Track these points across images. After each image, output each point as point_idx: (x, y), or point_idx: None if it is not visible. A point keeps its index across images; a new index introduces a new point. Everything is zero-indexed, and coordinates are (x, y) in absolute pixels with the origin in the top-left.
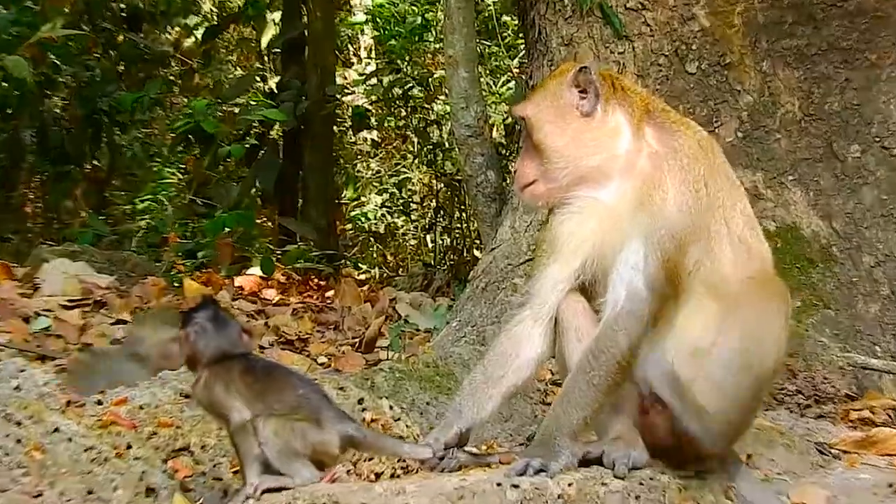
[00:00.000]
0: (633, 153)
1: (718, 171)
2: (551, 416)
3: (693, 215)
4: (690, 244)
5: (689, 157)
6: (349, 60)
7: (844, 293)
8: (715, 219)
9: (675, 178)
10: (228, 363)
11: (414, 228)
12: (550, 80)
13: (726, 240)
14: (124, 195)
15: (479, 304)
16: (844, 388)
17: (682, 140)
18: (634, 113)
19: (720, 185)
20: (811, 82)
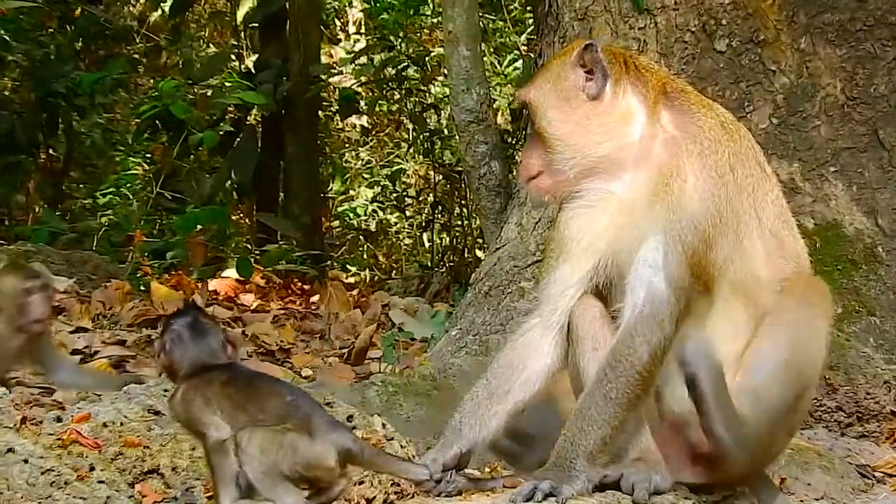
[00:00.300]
0: (647, 139)
1: (746, 157)
2: (566, 435)
3: (718, 204)
4: (717, 237)
5: (711, 139)
6: (336, 37)
7: (891, 298)
8: (744, 208)
9: (694, 165)
10: (208, 375)
11: (409, 226)
12: (554, 61)
13: (756, 233)
14: (83, 188)
15: (482, 311)
16: (890, 404)
17: (702, 122)
18: (649, 95)
19: (749, 170)
20: (855, 62)
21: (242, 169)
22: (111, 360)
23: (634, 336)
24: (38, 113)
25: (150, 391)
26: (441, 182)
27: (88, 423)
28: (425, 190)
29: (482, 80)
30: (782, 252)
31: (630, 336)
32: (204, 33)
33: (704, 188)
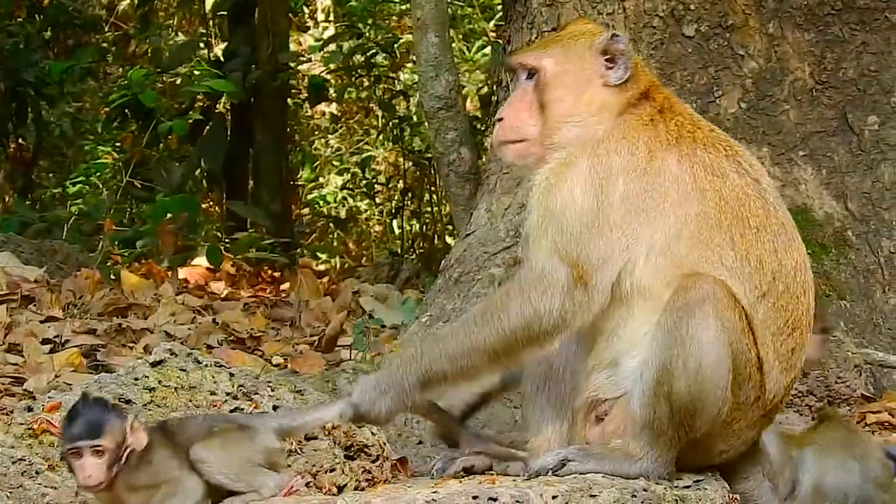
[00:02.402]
0: (598, 132)
1: (655, 178)
2: (413, 350)
3: (585, 209)
4: (589, 238)
5: (614, 151)
6: (304, 24)
7: (861, 282)
8: (626, 222)
9: (583, 166)
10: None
11: (379, 213)
12: (573, 40)
13: (644, 248)
14: (53, 177)
15: (453, 297)
16: (861, 388)
17: (631, 134)
18: (633, 95)
19: (647, 190)
20: (824, 46)
21: (212, 157)
22: (82, 349)
23: (509, 296)
24: (7, 102)
25: (121, 380)
26: (411, 169)
27: (59, 412)
28: (395, 177)
29: (451, 66)
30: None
31: (506, 293)
32: (172, 22)
33: (578, 190)
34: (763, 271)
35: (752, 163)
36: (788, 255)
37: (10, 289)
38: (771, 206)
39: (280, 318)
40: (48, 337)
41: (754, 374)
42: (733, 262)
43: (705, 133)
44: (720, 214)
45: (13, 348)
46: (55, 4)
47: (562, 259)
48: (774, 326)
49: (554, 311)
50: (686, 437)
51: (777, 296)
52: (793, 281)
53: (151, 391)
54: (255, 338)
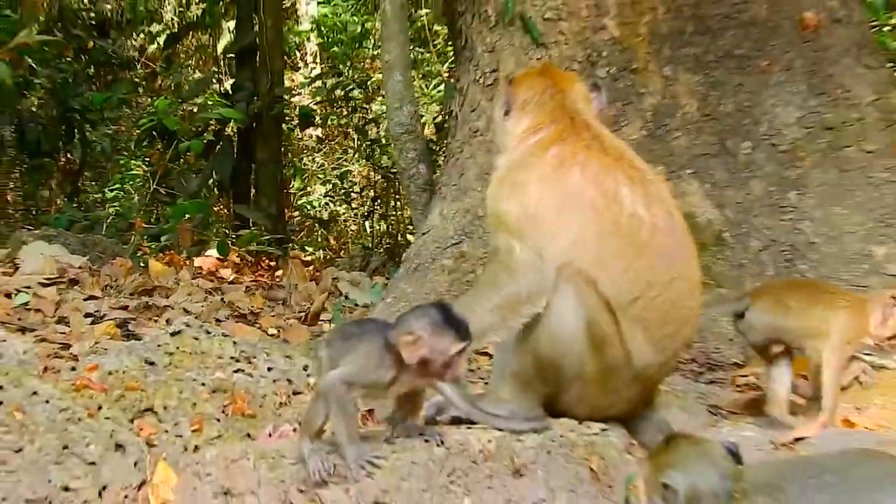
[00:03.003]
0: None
1: (548, 188)
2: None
3: (508, 208)
4: (522, 230)
5: (519, 167)
6: (296, 65)
7: (734, 274)
8: (532, 222)
9: (500, 175)
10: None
11: (354, 216)
12: (516, 79)
13: (544, 244)
14: (95, 185)
15: (411, 283)
16: (733, 356)
17: (530, 155)
18: (532, 125)
19: (541, 200)
20: (708, 86)
21: (222, 170)
22: (116, 321)
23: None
24: (58, 125)
25: (147, 346)
26: (380, 181)
27: (97, 371)
28: (367, 187)
29: (412, 99)
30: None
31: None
32: (191, 62)
33: (499, 195)
34: (637, 281)
35: (657, 190)
36: (667, 273)
37: (60, 273)
38: (661, 230)
39: (274, 298)
40: (90, 311)
41: (616, 346)
42: (616, 271)
43: (614, 153)
44: (611, 230)
45: (62, 321)
46: (97, 47)
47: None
48: (647, 321)
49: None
50: (554, 388)
51: (650, 299)
52: (666, 292)
53: (171, 355)
54: (254, 313)
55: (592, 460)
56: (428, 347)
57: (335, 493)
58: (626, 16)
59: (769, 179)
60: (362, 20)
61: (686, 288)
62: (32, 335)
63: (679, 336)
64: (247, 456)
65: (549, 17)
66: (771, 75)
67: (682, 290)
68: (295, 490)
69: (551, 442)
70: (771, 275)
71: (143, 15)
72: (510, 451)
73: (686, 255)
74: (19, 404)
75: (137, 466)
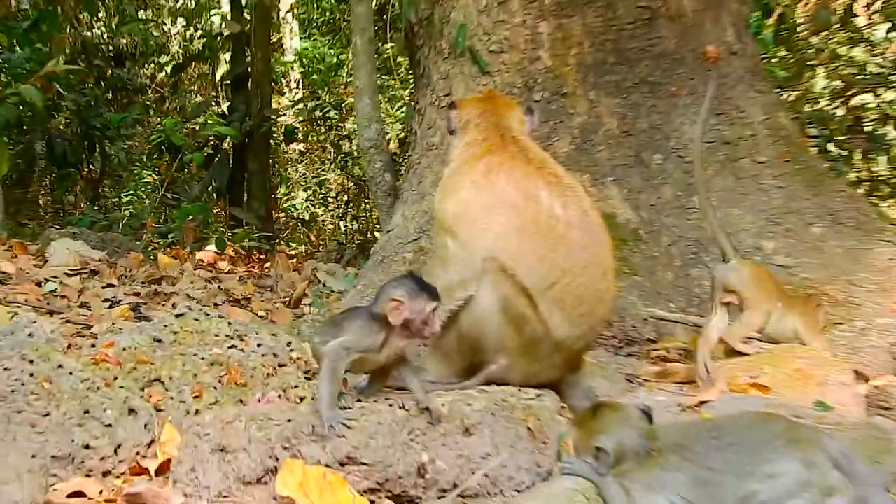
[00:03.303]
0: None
1: (476, 194)
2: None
3: (445, 209)
4: (455, 227)
5: (456, 175)
6: (282, 90)
7: (648, 265)
8: (466, 220)
9: (444, 182)
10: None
11: (331, 216)
12: (468, 102)
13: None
14: (112, 191)
15: (378, 273)
16: (647, 334)
17: (462, 167)
18: (470, 142)
19: (471, 203)
20: (626, 108)
21: (219, 178)
22: (130, 305)
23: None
24: (81, 141)
25: (155, 326)
26: (352, 188)
27: (113, 348)
28: (342, 193)
29: (379, 119)
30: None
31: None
32: (194, 87)
33: (439, 198)
34: (553, 269)
35: (574, 193)
36: (579, 260)
37: (82, 265)
38: (575, 226)
39: (264, 285)
40: (107, 297)
41: (533, 323)
42: (532, 261)
43: (536, 162)
44: (530, 226)
45: (84, 305)
46: (114, 76)
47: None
48: (564, 301)
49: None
50: (472, 359)
51: (566, 284)
52: (579, 276)
53: (175, 334)
54: (246, 299)
55: (529, 421)
56: (409, 309)
57: (313, 450)
58: (557, 49)
59: (677, 185)
60: (337, 52)
61: (599, 273)
62: (59, 317)
63: (594, 313)
64: (239, 418)
65: (494, 49)
66: (679, 98)
67: (595, 276)
68: (280, 447)
69: (495, 405)
70: (679, 266)
71: (153, 48)
72: (461, 413)
73: (599, 246)
74: (47, 376)
75: (147, 428)
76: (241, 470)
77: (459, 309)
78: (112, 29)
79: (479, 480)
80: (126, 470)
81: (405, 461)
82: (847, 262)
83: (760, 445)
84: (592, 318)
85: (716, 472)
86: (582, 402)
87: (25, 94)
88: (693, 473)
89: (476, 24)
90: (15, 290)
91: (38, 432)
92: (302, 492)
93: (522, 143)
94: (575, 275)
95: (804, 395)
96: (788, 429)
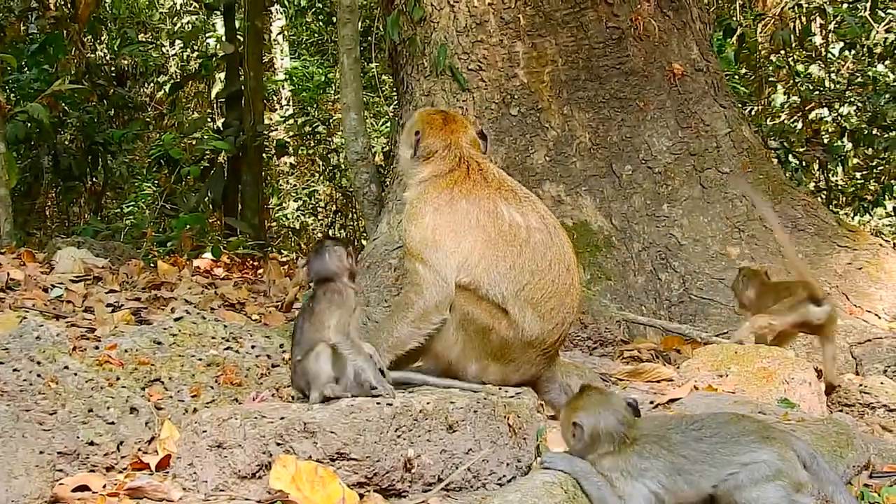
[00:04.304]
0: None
1: (448, 216)
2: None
3: (412, 233)
4: (424, 252)
5: (420, 201)
6: (273, 107)
7: (620, 269)
8: (435, 245)
9: (411, 208)
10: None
11: (320, 225)
12: (430, 129)
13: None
14: (115, 202)
15: (365, 278)
16: (619, 335)
17: (429, 191)
18: (433, 166)
19: (443, 226)
20: (598, 122)
21: (215, 190)
22: (131, 309)
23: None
24: (85, 155)
25: (155, 329)
26: (340, 198)
27: (116, 350)
28: (330, 203)
29: (365, 134)
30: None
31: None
32: (191, 105)
33: (404, 226)
34: (523, 272)
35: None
36: (544, 260)
37: (86, 272)
38: (535, 229)
39: (257, 290)
40: (110, 302)
41: (500, 329)
42: (504, 269)
43: (494, 183)
44: (497, 238)
45: (88, 309)
46: (116, 94)
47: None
48: (535, 300)
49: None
50: (449, 368)
51: (535, 283)
52: (547, 274)
53: (174, 336)
54: (241, 303)
55: (510, 417)
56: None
57: (305, 445)
58: (532, 67)
59: (646, 195)
60: (325, 71)
61: (563, 268)
62: (65, 321)
63: (563, 306)
64: (235, 416)
65: (472, 68)
66: (647, 113)
67: (560, 270)
68: (273, 443)
69: (477, 403)
70: (649, 270)
71: (152, 68)
72: (445, 410)
73: (558, 243)
74: (53, 376)
75: (148, 425)
76: (237, 465)
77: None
78: (114, 51)
79: (462, 474)
80: (128, 465)
81: (392, 456)
82: (808, 266)
83: (737, 438)
84: (563, 310)
85: (693, 462)
86: (559, 397)
87: (33, 112)
88: (670, 461)
89: (456, 44)
90: (23, 295)
91: (45, 429)
92: (295, 486)
93: (482, 167)
94: (543, 274)
95: (769, 392)
96: (763, 428)
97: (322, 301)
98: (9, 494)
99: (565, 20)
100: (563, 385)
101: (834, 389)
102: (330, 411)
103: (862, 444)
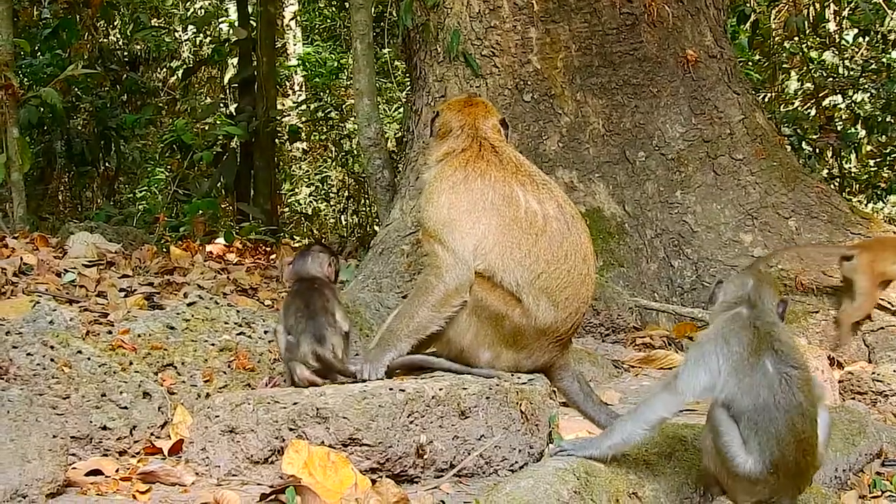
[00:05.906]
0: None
1: (464, 197)
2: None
3: (431, 215)
4: (442, 235)
5: (439, 180)
6: (286, 92)
7: (633, 256)
8: (452, 226)
9: (428, 189)
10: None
11: (332, 211)
12: (442, 109)
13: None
14: (127, 188)
15: (378, 264)
16: (632, 322)
17: (446, 171)
18: (448, 148)
19: (458, 207)
20: (611, 108)
21: (227, 175)
22: (144, 294)
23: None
24: (98, 140)
25: (168, 314)
26: (352, 184)
27: (129, 334)
28: (342, 189)
29: (378, 119)
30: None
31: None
32: (203, 90)
33: (421, 206)
34: (538, 261)
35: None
36: (561, 249)
37: (100, 257)
38: (552, 218)
39: (269, 276)
40: (123, 287)
41: (513, 316)
42: (519, 256)
43: (511, 167)
44: (512, 224)
45: (101, 294)
46: (129, 79)
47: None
48: (550, 288)
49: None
50: (461, 355)
51: (550, 272)
52: (563, 264)
53: (187, 321)
54: (253, 288)
55: (522, 404)
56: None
57: (317, 431)
58: (546, 53)
59: (660, 182)
60: (338, 57)
61: (580, 258)
62: (77, 306)
63: (578, 295)
64: (248, 401)
65: (486, 53)
66: (660, 99)
67: (577, 261)
68: (286, 429)
69: (490, 389)
70: (662, 257)
71: (165, 53)
72: (457, 397)
73: (576, 233)
74: (67, 361)
75: (161, 410)
76: (250, 450)
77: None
78: (127, 36)
79: (474, 461)
80: (141, 450)
81: (404, 442)
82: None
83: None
84: (578, 299)
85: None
86: (572, 384)
87: (46, 97)
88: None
89: (469, 30)
90: (36, 280)
91: (59, 414)
92: (307, 471)
93: (498, 150)
94: (558, 263)
95: None
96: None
97: (325, 292)
98: (22, 478)
99: (579, 6)
100: (575, 373)
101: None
102: (342, 397)
103: (874, 432)
